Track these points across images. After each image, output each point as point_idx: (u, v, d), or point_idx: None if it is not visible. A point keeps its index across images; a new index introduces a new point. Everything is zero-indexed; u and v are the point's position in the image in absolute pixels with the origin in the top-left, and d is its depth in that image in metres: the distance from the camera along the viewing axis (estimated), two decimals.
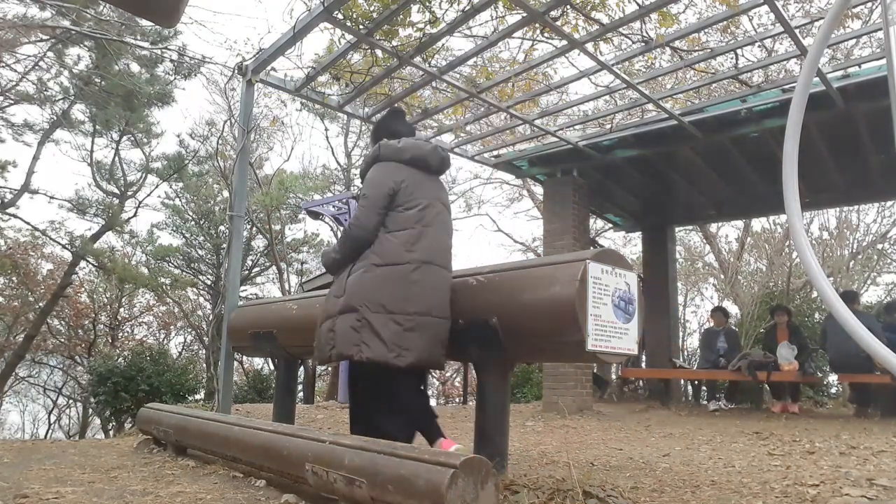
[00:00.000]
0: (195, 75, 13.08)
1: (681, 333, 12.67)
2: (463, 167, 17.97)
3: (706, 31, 5.27)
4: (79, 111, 13.73)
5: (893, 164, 6.25)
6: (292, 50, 4.61)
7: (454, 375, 18.21)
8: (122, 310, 18.07)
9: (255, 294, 17.58)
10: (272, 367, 12.56)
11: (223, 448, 2.75)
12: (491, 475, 1.72)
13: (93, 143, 14.49)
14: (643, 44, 4.51)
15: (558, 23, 4.14)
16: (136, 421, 5.28)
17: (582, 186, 7.09)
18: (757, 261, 14.58)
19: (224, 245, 14.04)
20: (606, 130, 6.45)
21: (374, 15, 4.10)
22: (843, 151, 6.53)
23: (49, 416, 19.44)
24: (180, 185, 16.38)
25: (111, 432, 11.33)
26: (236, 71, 4.95)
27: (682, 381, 8.85)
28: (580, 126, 6.85)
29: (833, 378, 8.90)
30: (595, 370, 8.82)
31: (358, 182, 16.48)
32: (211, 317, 14.82)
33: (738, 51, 5.15)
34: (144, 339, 17.81)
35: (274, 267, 16.79)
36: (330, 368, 12.02)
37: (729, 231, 15.21)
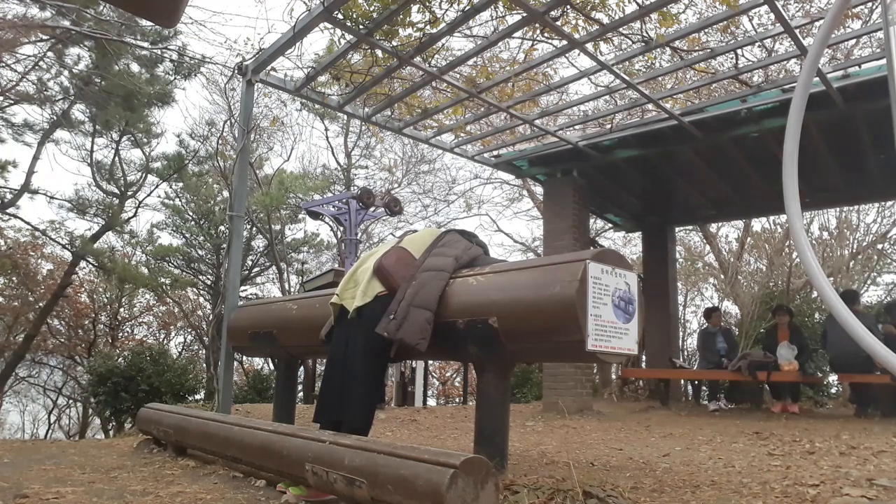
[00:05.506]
0: (195, 75, 13.07)
1: (681, 333, 12.66)
2: (463, 167, 17.98)
3: (706, 31, 5.27)
4: (79, 111, 13.71)
5: (893, 164, 6.24)
6: (292, 50, 4.61)
7: (454, 375, 18.21)
8: (122, 310, 18.07)
9: (255, 294, 17.58)
10: (272, 367, 12.57)
11: (223, 448, 2.75)
12: (491, 475, 1.72)
13: (93, 143, 14.48)
14: (643, 44, 4.51)
15: (558, 23, 4.14)
16: (136, 421, 5.28)
17: (582, 186, 7.08)
18: (757, 261, 14.56)
19: (224, 245, 14.04)
20: (606, 130, 6.44)
21: (374, 15, 4.10)
22: (843, 151, 6.52)
23: (49, 416, 19.43)
24: (180, 185, 16.36)
25: (111, 432, 11.33)
26: (236, 71, 4.95)
27: (682, 381, 8.85)
28: (580, 126, 6.85)
29: (833, 378, 8.89)
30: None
31: (358, 182, 16.42)
32: (211, 317, 14.82)
33: (738, 51, 5.15)
34: (144, 339, 17.80)
35: (274, 267, 16.79)
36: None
37: (729, 231, 15.20)
